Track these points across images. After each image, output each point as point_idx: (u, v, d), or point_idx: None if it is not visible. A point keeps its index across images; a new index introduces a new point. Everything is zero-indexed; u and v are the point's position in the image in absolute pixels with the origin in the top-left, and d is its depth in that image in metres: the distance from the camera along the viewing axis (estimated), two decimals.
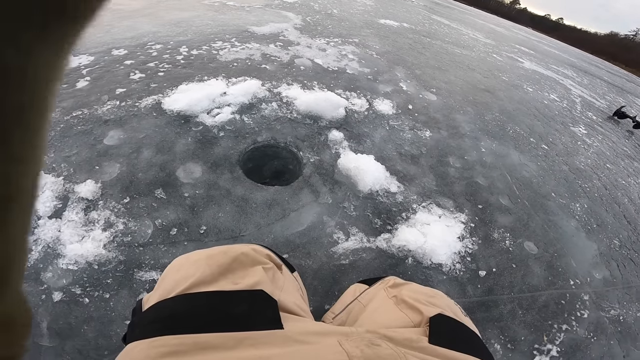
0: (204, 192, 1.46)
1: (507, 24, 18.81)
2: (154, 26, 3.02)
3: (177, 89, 2.04)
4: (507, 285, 1.50)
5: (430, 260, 1.45)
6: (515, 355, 1.28)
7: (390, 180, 1.79)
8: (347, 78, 2.77)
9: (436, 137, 2.34)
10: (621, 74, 16.13)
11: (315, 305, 1.20)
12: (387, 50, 3.90)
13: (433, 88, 3.16)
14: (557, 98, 4.72)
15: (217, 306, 0.44)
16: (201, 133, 1.74)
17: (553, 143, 3.00)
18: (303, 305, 0.56)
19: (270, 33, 3.41)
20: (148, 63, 2.31)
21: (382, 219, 1.58)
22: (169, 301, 0.45)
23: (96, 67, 2.18)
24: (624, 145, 3.91)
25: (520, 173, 2.29)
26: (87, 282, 1.10)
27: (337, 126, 2.08)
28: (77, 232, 1.23)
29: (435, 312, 0.52)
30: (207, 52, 2.63)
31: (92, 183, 1.38)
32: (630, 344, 1.50)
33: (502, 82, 4.32)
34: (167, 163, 1.55)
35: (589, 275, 1.73)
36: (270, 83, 2.33)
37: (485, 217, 1.79)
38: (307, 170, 1.72)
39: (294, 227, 1.44)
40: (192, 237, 1.30)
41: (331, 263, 1.34)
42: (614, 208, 2.39)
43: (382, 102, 2.53)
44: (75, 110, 1.74)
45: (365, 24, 5.02)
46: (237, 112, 1.94)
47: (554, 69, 7.49)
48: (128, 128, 1.69)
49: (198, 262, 0.51)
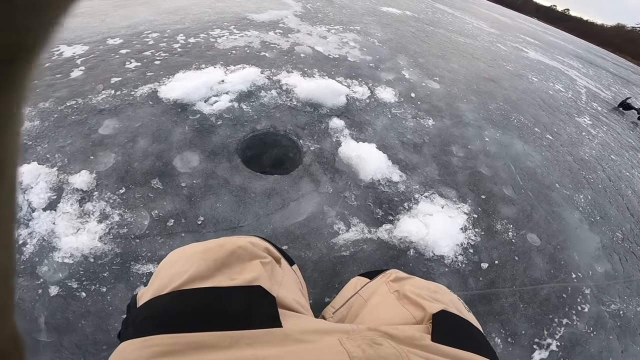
0: (202, 182, 1.43)
1: (512, 14, 18.47)
2: (150, 14, 2.94)
3: (173, 78, 1.99)
4: (509, 278, 1.48)
5: (432, 252, 1.43)
6: (516, 349, 1.27)
7: (392, 170, 1.75)
8: (349, 66, 2.70)
9: (439, 125, 2.29)
10: (627, 65, 15.89)
11: (315, 298, 1.18)
12: (389, 38, 3.82)
13: (436, 76, 3.09)
14: (562, 88, 4.65)
15: (213, 303, 0.42)
16: (198, 121, 1.70)
17: (558, 133, 2.96)
18: (302, 301, 0.54)
19: (270, 20, 3.33)
20: (144, 52, 2.25)
21: (384, 209, 1.55)
22: (163, 298, 0.43)
23: (91, 56, 2.12)
24: (628, 137, 3.86)
25: (524, 163, 2.25)
26: (83, 276, 1.08)
27: (338, 114, 2.04)
28: (72, 225, 1.20)
29: (438, 308, 0.51)
30: (204, 40, 2.57)
31: (86, 174, 1.35)
32: (629, 339, 1.49)
33: (506, 71, 4.24)
34: (164, 152, 1.51)
35: (590, 268, 1.71)
36: (269, 71, 2.27)
37: (488, 207, 1.76)
38: (307, 159, 1.68)
39: (293, 218, 1.41)
40: (189, 228, 1.28)
41: (331, 255, 1.32)
42: (617, 200, 2.36)
43: (384, 90, 2.47)
44: (69, 100, 1.70)
45: (366, 11, 4.91)
46: (235, 100, 1.89)
47: (559, 59, 7.36)
48: (123, 117, 1.64)
49: (193, 256, 0.49)
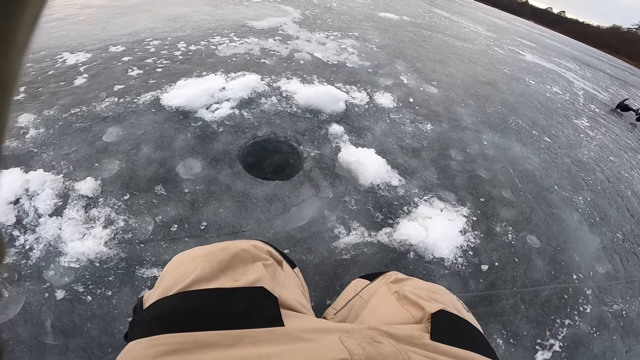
0: (204, 188, 1.45)
1: (508, 17, 18.60)
2: (151, 22, 2.99)
3: (175, 85, 2.02)
4: (510, 280, 1.49)
5: (432, 254, 1.44)
6: (518, 350, 1.28)
7: (392, 174, 1.77)
8: (347, 72, 2.74)
9: (437, 130, 2.32)
10: (624, 67, 15.97)
11: (317, 300, 1.19)
12: (387, 43, 3.86)
13: (434, 81, 3.13)
14: (560, 91, 4.68)
15: (217, 304, 0.43)
16: (200, 128, 1.73)
17: (556, 136, 2.98)
18: (304, 302, 0.55)
19: (269, 27, 3.38)
20: (146, 59, 2.29)
21: (384, 212, 1.57)
22: (169, 299, 0.44)
23: (93, 64, 2.16)
24: (627, 138, 3.88)
25: (523, 166, 2.27)
26: (89, 280, 1.10)
27: (337, 120, 2.06)
28: (77, 230, 1.22)
29: (437, 308, 0.52)
30: (205, 47, 2.61)
31: (91, 180, 1.38)
32: (633, 339, 1.49)
33: (503, 75, 4.28)
34: (167, 159, 1.54)
35: (591, 269, 1.72)
36: (269, 77, 2.30)
37: (487, 210, 1.78)
38: (307, 165, 1.70)
39: (294, 222, 1.43)
40: (192, 233, 1.30)
41: (332, 258, 1.34)
42: (617, 201, 2.37)
43: (383, 95, 2.50)
44: (73, 108, 1.73)
45: (364, 17, 4.97)
46: (236, 107, 1.92)
47: (556, 61, 7.41)
48: (127, 125, 1.67)
49: (197, 259, 0.50)
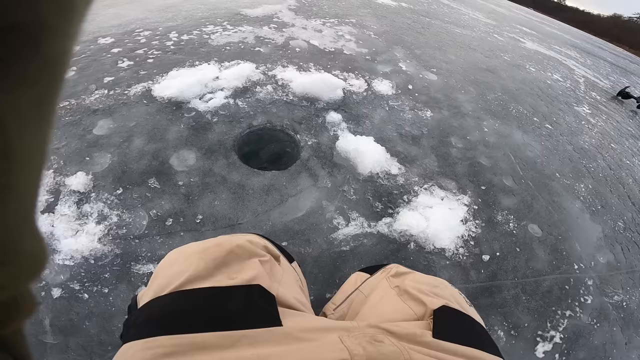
0: (199, 180, 1.42)
1: (508, 4, 18.27)
2: (141, 12, 2.90)
3: (167, 75, 1.96)
4: (511, 270, 1.48)
5: (433, 245, 1.42)
6: (519, 342, 1.27)
7: (391, 162, 1.74)
8: (345, 59, 2.68)
9: (437, 117, 2.28)
10: (625, 55, 15.84)
11: (316, 294, 1.17)
12: (385, 30, 3.77)
13: (433, 68, 3.07)
14: (561, 78, 4.62)
15: (213, 303, 0.42)
16: (194, 119, 1.68)
17: (557, 123, 2.94)
18: (302, 299, 0.54)
19: (264, 15, 3.28)
20: (136, 50, 2.22)
21: (383, 202, 1.54)
22: (163, 299, 0.43)
23: (82, 56, 2.09)
24: (628, 125, 3.85)
25: (524, 153, 2.24)
26: (84, 278, 1.08)
27: (334, 108, 2.02)
28: (70, 227, 1.19)
29: (439, 303, 0.51)
30: (198, 36, 2.53)
31: (83, 175, 1.34)
32: (633, 330, 1.49)
33: (503, 61, 4.21)
34: (160, 151, 1.49)
35: (593, 259, 1.71)
36: (264, 66, 2.24)
37: (488, 198, 1.75)
38: (305, 154, 1.67)
39: (292, 213, 1.40)
40: (188, 227, 1.27)
41: (331, 250, 1.31)
42: (618, 189, 2.35)
43: (381, 82, 2.45)
44: (62, 101, 1.68)
45: (362, 3, 4.85)
46: (230, 97, 1.87)
47: (556, 49, 7.32)
48: (118, 117, 1.62)
49: (192, 256, 0.49)
